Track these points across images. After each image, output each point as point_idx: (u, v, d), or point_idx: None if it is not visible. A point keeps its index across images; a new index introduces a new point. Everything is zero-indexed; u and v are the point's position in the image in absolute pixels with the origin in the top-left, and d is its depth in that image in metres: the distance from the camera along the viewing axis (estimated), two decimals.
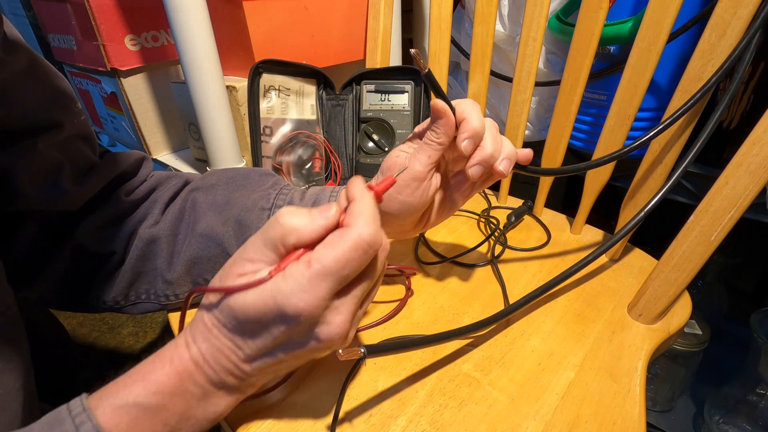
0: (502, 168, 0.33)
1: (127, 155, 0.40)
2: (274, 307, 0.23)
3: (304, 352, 0.25)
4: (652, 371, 0.71)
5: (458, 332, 0.33)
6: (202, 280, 0.38)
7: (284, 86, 0.54)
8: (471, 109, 0.32)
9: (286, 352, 0.25)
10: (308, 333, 0.24)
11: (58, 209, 0.35)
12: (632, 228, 0.39)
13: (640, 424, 0.29)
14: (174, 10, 0.48)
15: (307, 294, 0.22)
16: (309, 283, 0.22)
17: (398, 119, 0.55)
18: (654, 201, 0.38)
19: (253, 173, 0.41)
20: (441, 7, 0.54)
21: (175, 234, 0.38)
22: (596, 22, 0.42)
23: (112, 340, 0.96)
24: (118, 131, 0.81)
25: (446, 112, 0.31)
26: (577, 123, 0.62)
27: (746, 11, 0.33)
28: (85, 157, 0.37)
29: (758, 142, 0.29)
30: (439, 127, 0.31)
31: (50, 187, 0.34)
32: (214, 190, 0.39)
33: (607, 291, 0.41)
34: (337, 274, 0.23)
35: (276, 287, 0.23)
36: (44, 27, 0.79)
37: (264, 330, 0.24)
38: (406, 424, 0.30)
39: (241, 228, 0.36)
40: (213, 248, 0.37)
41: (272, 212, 0.37)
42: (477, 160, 0.32)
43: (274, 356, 0.25)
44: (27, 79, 0.32)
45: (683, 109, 0.37)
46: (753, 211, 0.50)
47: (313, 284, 0.22)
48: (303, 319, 0.23)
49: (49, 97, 0.34)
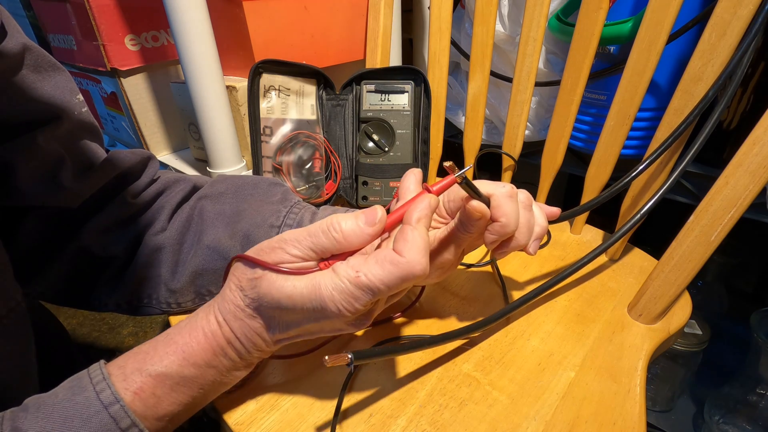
0: (531, 251, 0.33)
1: (132, 153, 0.39)
2: (317, 299, 0.24)
3: (327, 334, 0.28)
4: (652, 371, 0.71)
5: (454, 334, 0.33)
6: (206, 291, 0.38)
7: (284, 86, 0.54)
8: (507, 208, 0.30)
9: (312, 334, 0.28)
10: (338, 325, 0.27)
11: (56, 205, 0.35)
12: (632, 227, 0.39)
13: (640, 424, 0.29)
14: (174, 10, 0.48)
15: (350, 299, 0.24)
16: (354, 290, 0.24)
17: (398, 119, 0.55)
18: (653, 200, 0.38)
19: (262, 183, 0.41)
20: (441, 7, 0.54)
21: (181, 243, 0.38)
22: (596, 22, 0.42)
23: (112, 340, 0.96)
24: (118, 131, 0.81)
25: (485, 215, 0.29)
26: (577, 123, 0.62)
27: (746, 11, 0.33)
28: (89, 150, 0.37)
29: (758, 142, 0.29)
30: (474, 227, 0.30)
31: (49, 182, 0.34)
32: (222, 198, 0.39)
33: (607, 291, 0.41)
34: (377, 292, 0.24)
35: (324, 282, 0.24)
36: (44, 27, 0.79)
37: (300, 316, 0.26)
38: (406, 424, 0.30)
39: (249, 243, 0.36)
40: (219, 261, 0.36)
41: (281, 230, 0.37)
42: (505, 249, 0.32)
43: (300, 336, 0.28)
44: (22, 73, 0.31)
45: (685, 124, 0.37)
46: (753, 211, 0.50)
47: (357, 293, 0.24)
48: (339, 317, 0.25)
49: (49, 90, 0.33)
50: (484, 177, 0.36)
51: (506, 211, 0.30)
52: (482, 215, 0.29)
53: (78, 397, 0.23)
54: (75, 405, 0.23)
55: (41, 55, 0.33)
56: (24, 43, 0.31)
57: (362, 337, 0.37)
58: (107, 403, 0.23)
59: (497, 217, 0.30)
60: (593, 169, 0.46)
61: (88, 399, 0.23)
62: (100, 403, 0.23)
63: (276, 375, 0.34)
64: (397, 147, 0.55)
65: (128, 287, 0.37)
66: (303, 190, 0.54)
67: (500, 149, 0.55)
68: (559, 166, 0.50)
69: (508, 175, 0.56)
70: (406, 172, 0.31)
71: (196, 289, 0.37)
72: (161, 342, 0.27)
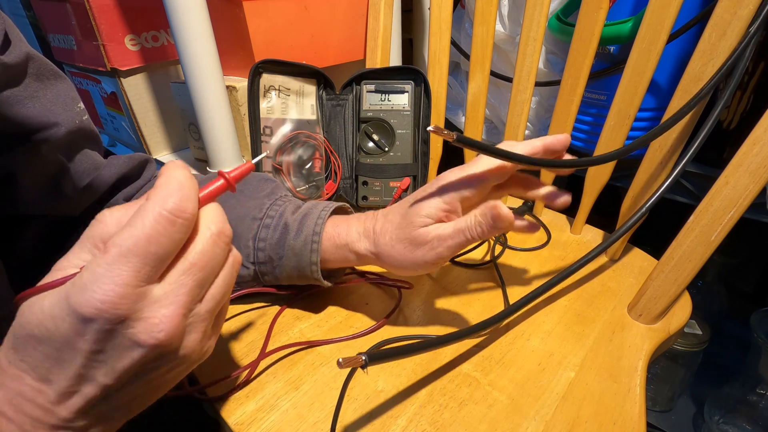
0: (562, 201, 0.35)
1: (130, 158, 0.40)
2: (68, 308, 0.18)
3: (134, 370, 0.20)
4: (652, 371, 0.71)
5: (460, 335, 0.32)
6: None
7: (284, 86, 0.54)
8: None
9: (108, 378, 0.19)
10: (123, 339, 0.19)
11: (59, 214, 0.35)
12: (632, 226, 0.39)
13: (640, 424, 0.29)
14: (174, 10, 0.48)
15: (104, 283, 0.18)
16: (106, 269, 0.18)
17: (398, 119, 0.55)
18: (653, 199, 0.38)
19: (253, 179, 0.41)
20: (441, 7, 0.54)
21: None
22: (596, 22, 0.42)
23: None
24: (118, 131, 0.81)
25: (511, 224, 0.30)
26: (577, 123, 0.62)
27: (746, 11, 0.33)
28: (89, 158, 0.37)
29: (758, 142, 0.29)
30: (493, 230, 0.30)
31: (51, 191, 0.34)
32: None
33: (607, 291, 0.41)
34: (141, 253, 0.18)
35: (70, 284, 0.18)
36: (44, 27, 0.79)
37: (66, 348, 0.19)
38: (406, 424, 0.30)
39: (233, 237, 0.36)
40: None
41: (263, 222, 0.37)
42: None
43: (94, 384, 0.19)
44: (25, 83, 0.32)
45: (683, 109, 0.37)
46: (753, 211, 0.50)
47: (112, 270, 0.18)
48: (107, 317, 0.18)
49: (51, 98, 0.34)
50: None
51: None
52: (510, 224, 0.30)
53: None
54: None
55: (44, 64, 0.33)
56: (27, 52, 0.32)
57: (371, 341, 0.37)
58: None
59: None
60: (593, 169, 0.46)
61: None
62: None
63: (276, 375, 0.34)
64: (397, 147, 0.55)
65: None
66: (303, 190, 0.54)
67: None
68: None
69: None
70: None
71: None
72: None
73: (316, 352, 0.36)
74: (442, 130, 0.27)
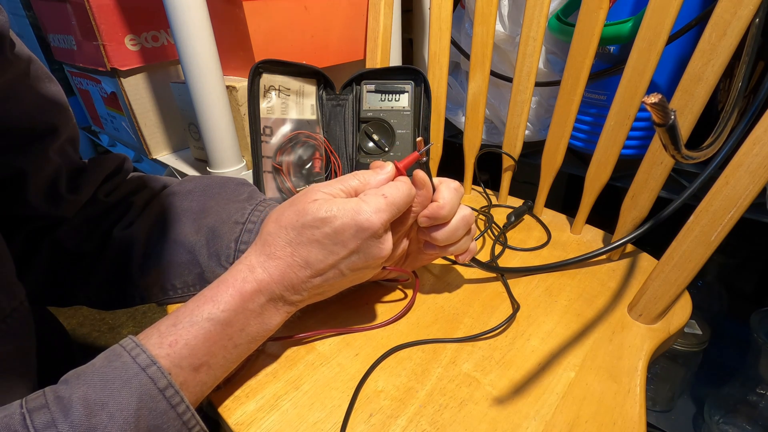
0: (461, 259, 0.38)
1: (112, 158, 0.41)
2: (352, 220, 0.29)
3: (361, 265, 0.31)
4: (652, 371, 0.71)
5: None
6: (169, 285, 0.38)
7: (284, 86, 0.54)
8: (446, 193, 0.35)
9: (348, 266, 0.30)
10: (369, 247, 0.30)
11: (56, 215, 0.36)
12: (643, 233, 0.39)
13: (640, 424, 0.29)
14: (174, 10, 0.48)
15: (381, 213, 0.30)
16: (384, 207, 0.30)
17: (398, 119, 0.55)
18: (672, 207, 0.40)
19: (230, 182, 0.42)
20: (441, 7, 0.54)
21: (149, 237, 0.38)
22: (596, 22, 0.42)
23: (112, 340, 0.96)
24: (118, 131, 0.81)
25: (426, 184, 0.34)
26: (577, 123, 0.62)
27: (746, 11, 0.33)
28: (73, 161, 0.38)
29: (758, 142, 0.29)
30: (417, 197, 0.34)
31: (52, 193, 0.35)
32: (190, 196, 0.40)
33: (607, 291, 0.41)
34: (396, 207, 0.31)
35: (358, 205, 0.29)
36: (44, 27, 0.79)
37: (337, 244, 0.29)
38: (406, 424, 0.30)
39: (214, 237, 0.37)
40: (184, 255, 0.37)
41: (245, 226, 0.38)
42: (436, 234, 0.35)
43: (336, 269, 0.30)
44: (29, 80, 0.32)
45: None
46: (753, 211, 0.50)
47: (385, 208, 0.30)
48: (372, 232, 0.29)
49: (49, 100, 0.34)
50: (484, 177, 0.36)
51: (444, 195, 0.35)
52: (424, 184, 0.34)
53: (115, 363, 0.25)
54: (114, 370, 0.24)
55: (40, 67, 0.34)
56: (28, 52, 0.32)
57: (370, 341, 0.37)
58: (144, 366, 0.24)
59: (436, 198, 0.35)
60: (593, 169, 0.46)
61: (125, 363, 0.24)
62: (137, 365, 0.24)
63: (276, 375, 0.34)
64: (397, 147, 0.55)
65: (98, 282, 0.38)
66: (303, 190, 0.54)
67: (500, 149, 0.55)
68: (559, 166, 0.50)
69: (508, 175, 0.56)
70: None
71: (161, 284, 0.38)
72: (191, 301, 0.29)
73: (316, 351, 0.36)
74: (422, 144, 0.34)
